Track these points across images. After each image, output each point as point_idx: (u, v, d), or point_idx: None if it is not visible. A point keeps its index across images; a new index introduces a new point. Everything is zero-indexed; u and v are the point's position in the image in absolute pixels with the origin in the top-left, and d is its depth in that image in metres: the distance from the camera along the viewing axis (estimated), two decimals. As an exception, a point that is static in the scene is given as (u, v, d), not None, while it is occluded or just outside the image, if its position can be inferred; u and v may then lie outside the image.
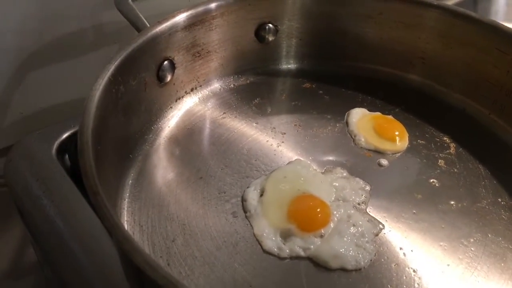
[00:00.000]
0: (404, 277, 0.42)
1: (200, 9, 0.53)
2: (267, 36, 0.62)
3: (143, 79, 0.50)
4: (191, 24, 0.54)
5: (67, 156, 0.56)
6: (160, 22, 0.51)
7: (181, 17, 0.52)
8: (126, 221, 0.46)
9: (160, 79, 0.53)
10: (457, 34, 0.58)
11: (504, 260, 0.44)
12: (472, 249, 0.45)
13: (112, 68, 0.44)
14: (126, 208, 0.47)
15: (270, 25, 0.61)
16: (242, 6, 0.57)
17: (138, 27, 0.52)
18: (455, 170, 0.52)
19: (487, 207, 0.49)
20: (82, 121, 0.39)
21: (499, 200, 0.49)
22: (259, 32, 0.61)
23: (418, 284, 0.42)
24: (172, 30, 0.52)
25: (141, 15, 0.53)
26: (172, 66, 0.54)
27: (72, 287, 0.46)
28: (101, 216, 0.32)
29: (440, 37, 0.59)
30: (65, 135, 0.57)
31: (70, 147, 0.56)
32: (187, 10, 0.53)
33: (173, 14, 0.52)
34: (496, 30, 0.55)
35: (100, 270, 0.45)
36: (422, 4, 0.59)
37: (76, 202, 0.50)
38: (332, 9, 0.61)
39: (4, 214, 0.73)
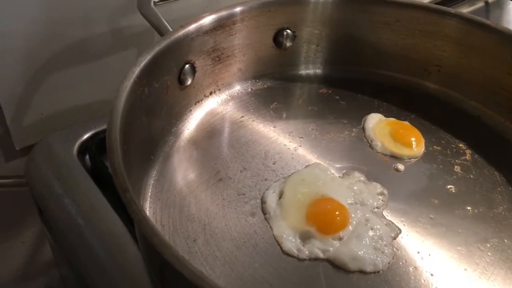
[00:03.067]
0: (422, 281, 0.43)
1: (224, 13, 0.54)
2: (285, 42, 0.63)
3: (165, 82, 0.51)
4: (213, 29, 0.55)
5: (87, 156, 0.57)
6: (183, 26, 0.52)
7: (204, 21, 0.53)
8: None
9: (181, 82, 0.54)
10: (473, 42, 0.59)
11: (520, 265, 0.45)
12: (489, 254, 0.45)
13: (137, 70, 0.45)
14: (147, 209, 0.48)
15: (288, 31, 0.62)
16: (263, 11, 0.58)
17: (161, 31, 0.53)
18: (471, 176, 0.53)
19: (503, 213, 0.49)
20: (111, 119, 0.40)
21: (515, 206, 0.50)
22: (277, 38, 0.62)
23: (436, 287, 0.42)
24: (195, 34, 0.53)
25: (163, 19, 0.54)
26: (193, 70, 0.55)
27: (93, 285, 0.47)
28: (131, 211, 0.33)
29: (456, 45, 0.60)
30: (86, 136, 0.58)
31: (91, 147, 0.57)
32: (211, 14, 0.54)
33: (196, 19, 0.53)
34: (512, 38, 0.56)
35: (121, 268, 0.46)
36: (439, 12, 0.60)
37: (97, 201, 0.51)
38: (352, 16, 0.62)
39: (22, 213, 0.74)
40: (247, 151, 0.54)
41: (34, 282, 0.80)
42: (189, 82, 0.55)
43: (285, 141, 0.56)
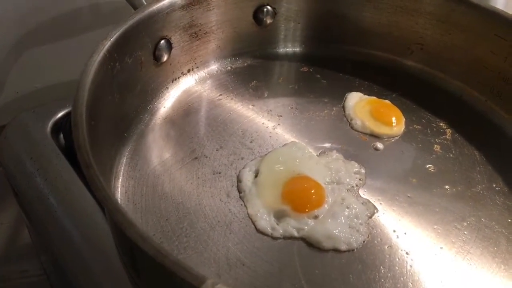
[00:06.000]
0: (397, 259, 0.42)
1: (198, -13, 0.53)
2: (265, 19, 0.61)
3: (139, 58, 0.50)
4: (189, 4, 0.53)
5: (61, 135, 0.56)
6: (157, 0, 0.50)
7: (179, -4, 0.52)
8: (119, 199, 0.46)
9: (157, 58, 0.53)
10: (455, 20, 0.58)
11: (497, 244, 0.44)
12: (466, 232, 0.45)
13: (107, 44, 0.44)
14: (119, 187, 0.47)
15: (269, 7, 0.60)
16: (241, -14, 0.56)
17: (135, 5, 0.51)
18: (451, 155, 0.52)
19: (481, 192, 0.49)
20: (77, 94, 0.38)
21: (494, 185, 0.49)
22: (257, 15, 0.60)
23: (410, 266, 0.42)
24: (170, 9, 0.51)
25: (138, -7, 0.53)
26: (169, 46, 0.54)
27: (66, 264, 0.46)
28: (94, 188, 0.32)
29: (439, 22, 0.59)
30: (60, 114, 0.57)
31: (65, 125, 0.56)
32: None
33: (170, -7, 0.52)
34: (495, 15, 0.55)
35: (94, 247, 0.45)
36: (421, -11, 0.59)
37: (70, 180, 0.50)
38: (331, -8, 0.61)
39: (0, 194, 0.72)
40: (224, 130, 0.53)
41: (13, 265, 0.79)
42: (165, 58, 0.54)
43: (264, 120, 0.55)
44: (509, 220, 0.46)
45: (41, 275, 0.71)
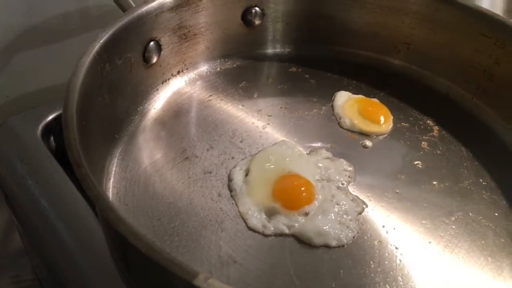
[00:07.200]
0: (387, 254, 0.43)
1: (186, -11, 0.54)
2: (253, 20, 0.62)
3: (128, 59, 0.50)
4: (178, 5, 0.54)
5: (52, 138, 0.56)
6: (146, 2, 0.51)
7: (167, -3, 0.52)
8: (111, 200, 0.46)
9: (146, 60, 0.53)
10: (441, 19, 0.59)
11: (484, 238, 0.45)
12: (453, 227, 0.46)
13: (97, 45, 0.44)
14: (111, 188, 0.47)
15: (257, 8, 0.61)
16: (229, -12, 0.57)
17: (124, 7, 0.51)
18: (438, 152, 0.53)
19: (468, 187, 0.50)
20: (67, 95, 0.39)
21: (481, 180, 0.50)
22: (246, 16, 0.61)
23: (400, 260, 0.43)
24: (158, 11, 0.52)
25: (126, -5, 0.53)
26: (158, 48, 0.54)
27: (58, 267, 0.46)
28: (85, 187, 0.32)
29: (425, 22, 0.60)
30: (50, 117, 0.57)
31: (55, 128, 0.56)
32: (173, -10, 0.53)
33: (159, -5, 0.52)
34: (480, 14, 0.56)
35: (86, 249, 0.45)
36: (407, -11, 0.60)
37: (61, 183, 0.51)
38: (318, -7, 0.61)
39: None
40: (214, 130, 0.54)
41: (4, 270, 0.78)
42: (154, 60, 0.54)
43: (253, 120, 0.55)
44: (496, 214, 0.47)
45: (33, 279, 0.71)
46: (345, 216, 0.45)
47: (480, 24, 0.56)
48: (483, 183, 0.50)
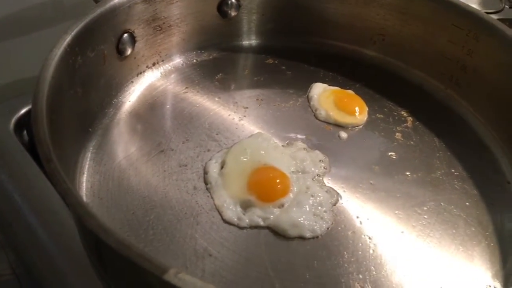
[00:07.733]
0: (360, 244, 0.44)
1: (160, -20, 0.53)
2: (229, 11, 0.61)
3: (101, 52, 0.50)
4: (151, -4, 0.53)
5: (25, 131, 0.55)
6: (119, -7, 0.50)
7: (140, -12, 0.51)
8: (85, 195, 0.45)
9: (120, 52, 0.53)
10: (414, 11, 0.59)
11: (455, 227, 0.46)
12: (426, 217, 0.47)
13: (68, 38, 0.44)
14: (85, 182, 0.47)
15: (233, 0, 0.61)
16: (204, -22, 0.57)
17: (96, -2, 0.51)
18: (412, 142, 0.54)
19: (440, 177, 0.50)
20: (36, 88, 0.38)
21: (453, 170, 0.51)
22: (222, 7, 0.61)
23: (373, 250, 0.43)
24: (132, 2, 0.51)
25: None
26: (132, 40, 0.54)
27: (33, 262, 0.45)
28: (55, 182, 0.32)
29: (399, 13, 0.60)
30: (23, 111, 0.56)
31: (28, 122, 0.55)
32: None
33: (132, -14, 0.51)
34: (452, 6, 0.57)
35: (60, 244, 0.45)
36: (381, -19, 0.60)
37: (35, 177, 0.50)
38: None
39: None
40: (190, 123, 0.53)
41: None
42: (128, 52, 0.54)
43: (230, 112, 0.55)
44: (467, 204, 0.48)
45: (11, 274, 0.70)
46: (319, 207, 0.45)
47: (453, 16, 0.56)
48: (455, 173, 0.51)
